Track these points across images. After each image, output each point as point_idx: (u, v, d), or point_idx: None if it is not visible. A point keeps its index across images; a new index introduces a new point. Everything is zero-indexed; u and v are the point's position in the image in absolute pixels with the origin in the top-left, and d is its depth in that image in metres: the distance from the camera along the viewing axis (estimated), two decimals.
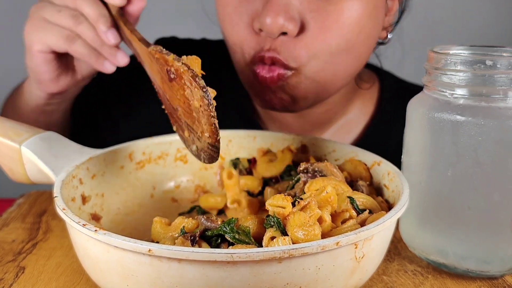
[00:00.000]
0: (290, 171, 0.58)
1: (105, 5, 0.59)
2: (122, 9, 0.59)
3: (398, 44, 0.80)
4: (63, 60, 0.63)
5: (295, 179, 0.53)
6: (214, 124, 0.49)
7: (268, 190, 0.56)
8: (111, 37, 0.58)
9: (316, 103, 0.71)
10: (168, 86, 0.52)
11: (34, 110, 0.69)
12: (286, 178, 0.58)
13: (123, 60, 0.60)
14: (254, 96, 0.70)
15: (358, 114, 0.81)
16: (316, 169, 0.52)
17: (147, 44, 0.54)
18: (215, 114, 0.49)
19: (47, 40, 0.59)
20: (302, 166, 0.53)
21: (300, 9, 0.61)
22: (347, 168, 0.56)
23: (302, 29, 0.62)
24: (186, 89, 0.49)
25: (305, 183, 0.50)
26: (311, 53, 0.63)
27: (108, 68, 0.60)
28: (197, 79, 0.48)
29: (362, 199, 0.48)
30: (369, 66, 0.85)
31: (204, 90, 0.48)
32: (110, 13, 0.59)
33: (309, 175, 0.52)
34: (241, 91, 0.75)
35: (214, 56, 0.83)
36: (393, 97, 0.81)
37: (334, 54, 0.64)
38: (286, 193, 0.48)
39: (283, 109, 0.69)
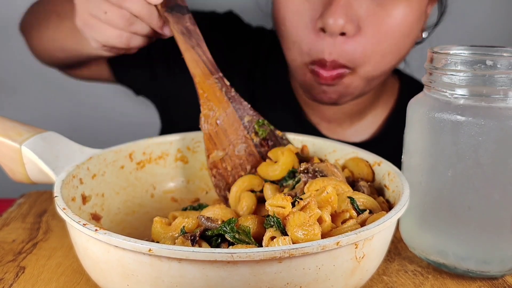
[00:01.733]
0: (294, 173, 0.58)
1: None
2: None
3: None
4: None
5: (296, 179, 0.53)
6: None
7: (268, 187, 0.56)
8: (167, 31, 0.60)
9: (358, 98, 0.77)
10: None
11: (81, 55, 0.74)
12: (288, 180, 0.58)
13: (167, 33, 0.61)
14: (305, 91, 0.76)
15: (383, 109, 0.86)
16: (317, 169, 0.52)
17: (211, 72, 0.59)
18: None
19: (102, 41, 0.61)
20: (303, 166, 0.53)
21: (358, 12, 0.67)
22: (349, 167, 0.56)
23: (359, 31, 0.68)
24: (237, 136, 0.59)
25: (305, 183, 0.50)
26: (366, 54, 0.69)
27: (166, 33, 0.62)
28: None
29: (362, 199, 0.48)
30: None
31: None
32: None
33: (310, 175, 0.52)
34: (284, 79, 0.83)
35: (268, 44, 0.89)
36: (411, 91, 0.83)
37: (383, 56, 0.70)
38: (286, 193, 0.48)
39: (330, 104, 0.75)
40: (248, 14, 0.95)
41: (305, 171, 0.52)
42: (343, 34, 0.67)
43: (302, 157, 0.60)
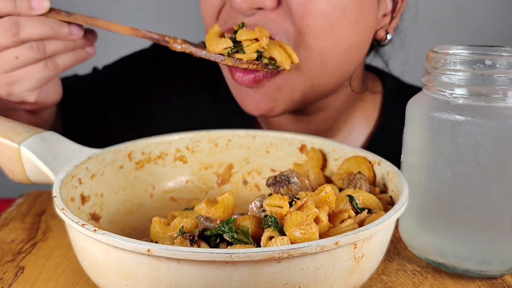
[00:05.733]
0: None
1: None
2: None
3: (402, 44, 0.79)
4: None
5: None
6: None
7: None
8: (76, 31, 0.57)
9: (306, 104, 0.68)
10: None
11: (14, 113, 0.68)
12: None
13: (77, 32, 0.58)
14: (237, 100, 0.69)
15: (362, 122, 0.79)
16: (282, 177, 0.54)
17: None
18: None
19: (34, 83, 0.58)
20: (270, 179, 0.55)
21: None
22: (350, 166, 0.56)
23: (278, 4, 0.60)
24: None
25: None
26: (292, 33, 0.60)
27: (91, 51, 0.61)
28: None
29: (362, 197, 0.48)
30: (372, 70, 0.83)
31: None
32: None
33: (277, 186, 0.54)
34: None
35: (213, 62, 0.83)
36: (396, 102, 0.79)
37: (317, 38, 0.60)
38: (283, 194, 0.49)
39: (261, 115, 0.66)
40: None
41: (273, 182, 0.55)
42: (260, 9, 0.59)
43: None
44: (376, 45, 0.72)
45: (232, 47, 0.58)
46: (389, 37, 0.71)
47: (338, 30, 0.61)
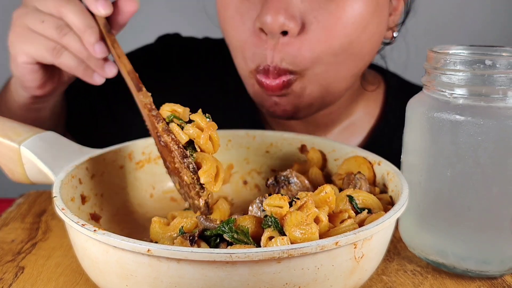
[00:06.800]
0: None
1: (93, 15, 0.57)
2: (108, 20, 0.58)
3: (404, 45, 0.79)
4: (49, 68, 0.62)
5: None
6: (205, 201, 0.51)
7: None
8: (99, 50, 0.56)
9: (321, 109, 0.70)
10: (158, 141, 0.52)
11: (21, 107, 0.68)
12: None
13: (111, 71, 0.58)
14: (258, 105, 0.70)
15: (363, 116, 0.80)
16: (282, 177, 0.55)
17: (138, 86, 0.54)
18: (206, 193, 0.51)
19: (32, 52, 0.57)
20: (270, 179, 0.55)
21: (301, 7, 0.60)
22: (350, 166, 0.56)
23: (303, 28, 0.61)
24: (176, 162, 0.50)
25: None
26: (315, 54, 0.62)
27: (97, 80, 0.59)
28: (185, 161, 0.49)
29: (362, 197, 0.48)
30: (374, 67, 0.84)
31: (194, 172, 0.50)
32: (97, 24, 0.57)
33: (277, 186, 0.55)
34: (246, 92, 0.74)
35: (218, 56, 0.82)
36: (398, 98, 0.80)
37: (337, 55, 0.63)
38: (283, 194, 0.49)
39: (287, 118, 0.68)
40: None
41: (273, 183, 0.55)
42: (285, 33, 0.61)
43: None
44: (383, 44, 0.74)
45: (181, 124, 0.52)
46: (395, 35, 0.72)
47: (357, 46, 0.64)
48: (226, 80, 0.82)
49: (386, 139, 0.78)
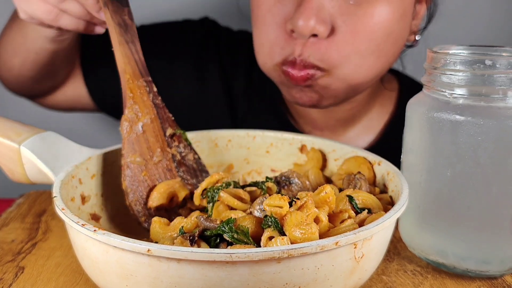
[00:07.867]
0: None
1: None
2: None
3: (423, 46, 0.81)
4: None
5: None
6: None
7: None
8: (103, 17, 0.57)
9: (344, 101, 0.74)
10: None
11: (44, 40, 0.70)
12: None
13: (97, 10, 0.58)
14: (284, 92, 0.73)
15: (379, 114, 0.84)
16: (283, 178, 0.55)
17: (140, 73, 0.56)
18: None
19: (30, 13, 0.59)
20: (272, 179, 0.55)
21: (331, 12, 0.64)
22: (350, 166, 0.56)
23: (332, 32, 0.64)
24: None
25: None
26: (342, 55, 0.65)
27: (99, 31, 0.60)
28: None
29: (361, 197, 0.48)
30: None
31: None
32: None
33: (278, 186, 0.55)
34: (271, 84, 0.77)
35: (252, 49, 0.85)
36: (411, 97, 0.82)
37: (364, 57, 0.66)
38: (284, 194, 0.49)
39: (311, 106, 0.71)
40: (231, 18, 0.93)
41: (275, 182, 0.55)
42: (315, 35, 0.64)
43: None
44: (405, 47, 0.77)
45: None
46: (417, 38, 0.76)
47: (383, 49, 0.67)
48: (255, 73, 0.85)
49: (398, 136, 0.80)
